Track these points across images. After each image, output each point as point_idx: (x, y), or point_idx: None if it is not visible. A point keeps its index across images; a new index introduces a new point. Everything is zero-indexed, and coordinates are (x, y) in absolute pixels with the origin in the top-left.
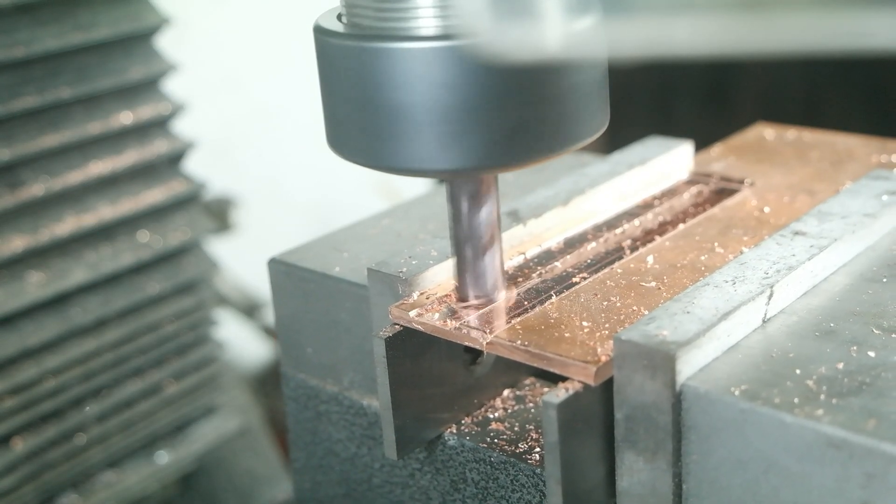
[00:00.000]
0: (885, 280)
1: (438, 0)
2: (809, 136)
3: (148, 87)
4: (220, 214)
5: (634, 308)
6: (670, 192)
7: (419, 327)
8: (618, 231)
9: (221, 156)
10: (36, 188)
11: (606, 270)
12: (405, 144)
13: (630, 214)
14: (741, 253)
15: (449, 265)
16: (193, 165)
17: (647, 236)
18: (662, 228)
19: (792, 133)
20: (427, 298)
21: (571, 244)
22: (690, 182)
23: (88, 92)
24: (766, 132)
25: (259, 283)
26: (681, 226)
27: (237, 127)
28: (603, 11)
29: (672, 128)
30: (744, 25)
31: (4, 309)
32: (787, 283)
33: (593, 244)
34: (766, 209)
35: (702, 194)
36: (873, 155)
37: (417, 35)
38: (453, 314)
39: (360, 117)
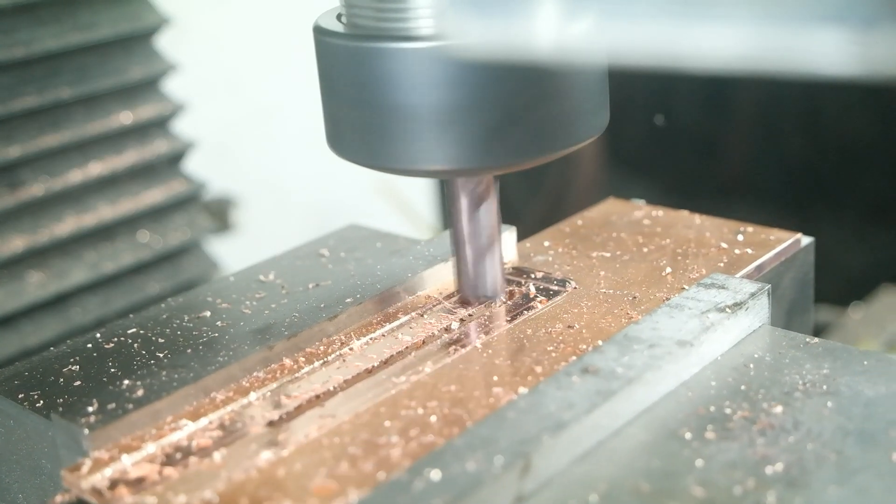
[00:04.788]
0: (688, 436)
1: (437, 1)
2: (661, 216)
3: (148, 87)
4: (220, 214)
5: (349, 485)
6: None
7: (93, 500)
8: (382, 354)
9: (221, 156)
10: (36, 188)
11: (339, 419)
12: (405, 144)
13: (403, 329)
14: (516, 396)
15: (155, 407)
16: (193, 165)
17: (414, 366)
18: (442, 352)
19: (641, 213)
20: (112, 459)
21: (317, 376)
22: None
23: (88, 92)
24: (613, 211)
25: None
26: (462, 350)
27: (237, 127)
28: (602, 16)
29: (672, 126)
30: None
31: (4, 309)
32: (553, 447)
33: (340, 375)
34: (577, 324)
35: (511, 298)
36: (725, 243)
37: (417, 35)
38: (139, 483)
39: (359, 117)
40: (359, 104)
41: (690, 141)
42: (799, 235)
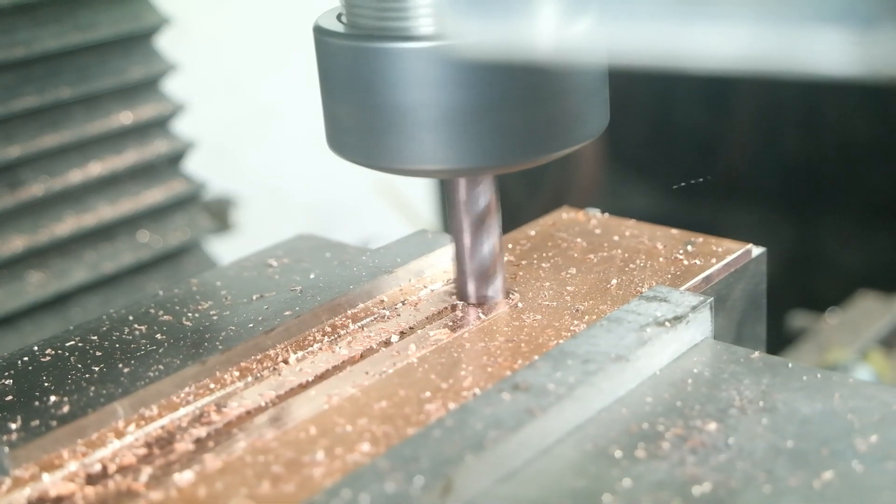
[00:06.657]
0: (618, 455)
1: (437, 1)
2: (613, 226)
3: (148, 87)
4: (220, 214)
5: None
6: (415, 312)
7: None
8: (317, 369)
9: (221, 156)
10: (36, 188)
11: (266, 436)
12: (405, 144)
13: (341, 342)
14: (446, 413)
15: (80, 423)
16: (193, 165)
17: (349, 381)
18: (378, 366)
19: (594, 222)
20: (32, 477)
21: (250, 391)
22: (445, 297)
23: (88, 92)
24: (565, 220)
25: None
26: (398, 364)
27: (237, 127)
28: (603, 16)
29: (672, 126)
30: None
31: (4, 309)
32: (476, 467)
33: (272, 391)
34: (517, 338)
35: (450, 314)
36: (676, 253)
37: (417, 35)
38: (58, 502)
39: (359, 117)
40: (359, 104)
41: (690, 141)
42: (749, 246)
